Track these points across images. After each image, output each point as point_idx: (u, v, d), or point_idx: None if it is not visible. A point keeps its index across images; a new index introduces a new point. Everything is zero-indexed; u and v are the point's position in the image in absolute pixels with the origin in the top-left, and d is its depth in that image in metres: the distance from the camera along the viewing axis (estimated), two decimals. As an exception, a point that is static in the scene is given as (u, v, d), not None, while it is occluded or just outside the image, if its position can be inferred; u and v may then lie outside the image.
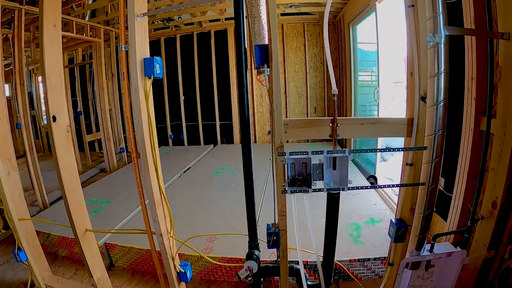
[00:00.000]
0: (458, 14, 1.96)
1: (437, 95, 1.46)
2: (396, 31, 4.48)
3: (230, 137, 7.24)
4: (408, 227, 1.66)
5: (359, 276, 2.45)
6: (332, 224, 1.68)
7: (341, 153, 1.49)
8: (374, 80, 5.34)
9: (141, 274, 2.80)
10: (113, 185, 4.80)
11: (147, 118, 1.67)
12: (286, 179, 1.53)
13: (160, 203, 1.82)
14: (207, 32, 6.89)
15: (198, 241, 2.47)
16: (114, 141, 6.29)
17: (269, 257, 2.39)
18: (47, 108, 1.93)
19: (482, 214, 1.89)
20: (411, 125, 1.56)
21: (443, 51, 1.43)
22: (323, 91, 6.78)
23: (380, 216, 3.11)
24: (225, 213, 3.44)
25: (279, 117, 1.52)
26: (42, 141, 8.59)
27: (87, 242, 2.23)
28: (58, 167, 2.00)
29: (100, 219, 3.40)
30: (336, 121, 1.54)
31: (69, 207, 2.07)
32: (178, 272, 2.00)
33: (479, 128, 1.92)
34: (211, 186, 4.45)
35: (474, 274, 2.00)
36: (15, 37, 4.05)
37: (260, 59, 1.53)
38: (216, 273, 2.60)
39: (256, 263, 1.75)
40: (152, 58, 1.64)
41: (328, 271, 1.80)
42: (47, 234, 3.15)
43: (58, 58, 1.97)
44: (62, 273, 2.87)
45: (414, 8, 1.46)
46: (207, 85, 7.10)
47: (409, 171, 1.60)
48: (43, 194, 4.41)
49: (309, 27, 6.60)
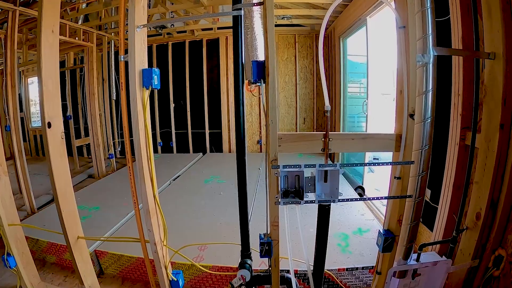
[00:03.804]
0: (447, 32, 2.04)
1: (425, 112, 1.52)
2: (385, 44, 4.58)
3: (220, 146, 7.27)
4: (396, 237, 1.71)
5: (348, 285, 2.50)
6: (322, 234, 1.73)
7: (332, 167, 1.55)
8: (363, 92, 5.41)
9: (131, 281, 2.80)
10: (103, 192, 4.76)
11: (144, 128, 1.71)
12: (279, 191, 1.57)
13: (154, 212, 1.85)
14: (199, 41, 6.95)
15: (189, 250, 2.50)
16: (103, 147, 6.26)
17: (259, 266, 2.43)
18: (42, 115, 1.93)
19: (467, 224, 1.96)
20: (399, 141, 1.62)
21: (431, 70, 1.49)
22: (313, 102, 6.87)
23: (368, 226, 3.17)
24: (214, 222, 3.46)
25: (274, 131, 1.56)
26: (30, 144, 8.50)
27: (78, 249, 2.23)
28: (52, 174, 2.00)
29: (91, 225, 3.38)
30: (328, 136, 1.59)
31: (62, 214, 2.07)
32: (171, 280, 2.02)
33: (464, 142, 2.01)
34: (201, 194, 4.46)
35: (459, 283, 2.06)
36: (8, 38, 4.02)
37: (257, 74, 1.58)
38: (206, 281, 2.61)
39: (249, 271, 1.79)
40: (150, 69, 1.68)
41: (318, 279, 1.85)
42: (35, 240, 3.11)
43: (55, 64, 1.98)
44: (50, 280, 2.85)
45: (404, 29, 1.53)
46: (197, 93, 7.13)
47: (396, 184, 1.66)
48: (31, 199, 4.36)
49: (300, 38, 6.71)
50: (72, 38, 5.29)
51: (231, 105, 6.99)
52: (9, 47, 4.04)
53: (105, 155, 6.32)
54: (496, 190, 1.81)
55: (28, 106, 8.34)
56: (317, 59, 6.55)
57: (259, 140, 7.06)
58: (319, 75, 6.64)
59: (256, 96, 6.50)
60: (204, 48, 6.95)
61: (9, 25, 4.03)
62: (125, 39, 1.75)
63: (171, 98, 7.26)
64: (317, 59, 6.55)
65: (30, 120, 8.49)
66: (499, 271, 1.86)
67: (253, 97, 6.70)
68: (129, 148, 1.81)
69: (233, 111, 6.99)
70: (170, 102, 7.26)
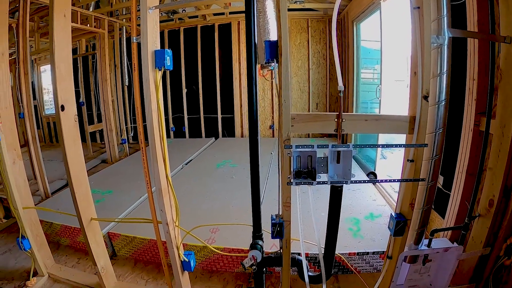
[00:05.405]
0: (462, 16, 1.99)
1: (439, 94, 1.50)
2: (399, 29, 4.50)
3: (232, 131, 7.27)
4: (408, 222, 1.70)
5: (358, 269, 2.50)
6: (334, 216, 1.73)
7: (345, 147, 1.53)
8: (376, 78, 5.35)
9: (143, 263, 2.85)
10: (116, 176, 4.83)
11: (156, 108, 1.71)
12: (292, 171, 1.57)
13: (166, 192, 1.86)
14: (211, 26, 6.91)
15: (201, 232, 2.52)
16: (116, 132, 6.32)
17: (270, 248, 2.45)
18: (55, 98, 1.94)
19: (479, 211, 1.94)
20: (413, 123, 1.60)
21: (446, 52, 1.47)
22: (325, 87, 6.79)
23: (379, 211, 3.16)
24: (226, 205, 3.49)
25: (287, 111, 1.56)
26: (44, 131, 8.62)
27: (92, 230, 2.27)
28: (66, 156, 2.02)
29: (104, 209, 3.44)
30: (342, 117, 1.58)
31: (75, 195, 2.10)
32: (182, 261, 2.04)
33: (478, 128, 1.97)
34: (213, 178, 4.49)
35: (469, 271, 2.05)
36: (20, 26, 4.04)
37: (270, 54, 1.56)
38: (218, 264, 2.65)
39: (260, 252, 1.79)
40: (163, 50, 1.67)
41: (329, 262, 1.85)
42: (50, 223, 3.18)
43: (67, 48, 1.99)
44: (64, 262, 2.91)
45: (419, 10, 1.49)
46: (209, 79, 7.12)
47: (410, 167, 1.64)
48: (45, 184, 4.43)
49: (313, 23, 6.62)
50: (84, 25, 5.30)
51: (243, 90, 6.97)
52: (21, 35, 4.06)
53: (118, 141, 6.39)
54: (510, 177, 1.79)
55: (41, 94, 8.43)
56: (331, 44, 6.47)
57: (272, 125, 7.04)
58: (332, 60, 6.57)
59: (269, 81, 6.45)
60: (216, 33, 6.91)
61: (20, 13, 4.04)
62: (137, 25, 1.75)
63: (183, 84, 7.27)
64: (331, 44, 6.47)
65: (44, 108, 8.59)
66: (511, 260, 1.84)
67: (265, 82, 6.66)
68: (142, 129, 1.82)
69: (245, 95, 6.97)
70: (183, 88, 7.27)
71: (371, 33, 5.25)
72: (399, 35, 4.62)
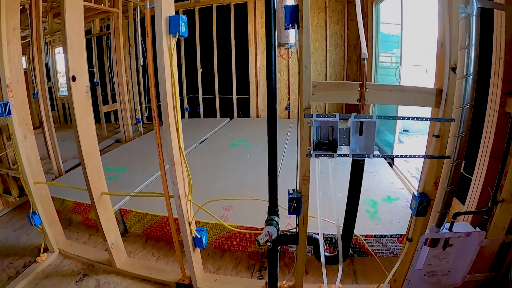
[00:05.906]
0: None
1: (467, 67, 1.42)
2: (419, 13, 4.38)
3: (247, 111, 7.19)
4: (431, 202, 1.62)
5: (374, 253, 2.43)
6: (355, 192, 1.65)
7: (368, 118, 1.44)
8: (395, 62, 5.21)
9: (154, 240, 2.83)
10: (129, 154, 4.83)
11: (170, 75, 1.65)
12: (311, 143, 1.49)
13: (179, 163, 1.81)
14: (226, 5, 6.77)
15: (214, 210, 2.47)
16: (130, 112, 6.32)
17: (285, 227, 2.38)
18: (67, 69, 1.90)
19: (503, 196, 1.85)
20: (440, 96, 1.51)
21: (475, 23, 1.40)
22: (343, 69, 6.61)
23: (397, 194, 3.07)
24: (241, 184, 3.45)
25: (308, 78, 1.47)
26: (58, 112, 8.71)
27: (102, 205, 2.25)
28: (77, 129, 1.98)
29: (116, 186, 3.44)
30: (365, 86, 1.49)
31: (86, 169, 2.07)
32: (194, 237, 2.00)
33: (504, 109, 1.87)
34: (227, 156, 4.45)
35: (490, 258, 1.97)
36: (33, 6, 4.02)
37: (291, 19, 1.47)
38: (230, 242, 2.60)
39: (275, 229, 1.72)
40: (177, 15, 1.60)
41: (347, 241, 1.78)
42: (62, 200, 3.19)
43: (79, 21, 1.92)
44: (75, 238, 2.92)
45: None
46: (225, 59, 7.03)
47: (435, 143, 1.56)
48: (58, 162, 4.45)
49: (331, 3, 6.41)
50: (97, 4, 5.25)
51: (259, 71, 6.85)
52: (34, 15, 4.04)
53: (132, 120, 6.39)
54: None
55: (56, 77, 8.48)
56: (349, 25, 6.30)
57: (288, 106, 6.92)
58: (350, 41, 6.40)
59: (285, 59, 6.34)
60: (232, 12, 6.77)
61: (33, -7, 4.01)
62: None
63: (198, 64, 7.20)
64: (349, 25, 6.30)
65: (58, 89, 8.67)
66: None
67: (281, 63, 6.54)
68: (155, 99, 1.76)
69: (261, 76, 6.90)
70: (198, 68, 7.20)
71: (390, 15, 5.09)
72: (418, 19, 4.49)
